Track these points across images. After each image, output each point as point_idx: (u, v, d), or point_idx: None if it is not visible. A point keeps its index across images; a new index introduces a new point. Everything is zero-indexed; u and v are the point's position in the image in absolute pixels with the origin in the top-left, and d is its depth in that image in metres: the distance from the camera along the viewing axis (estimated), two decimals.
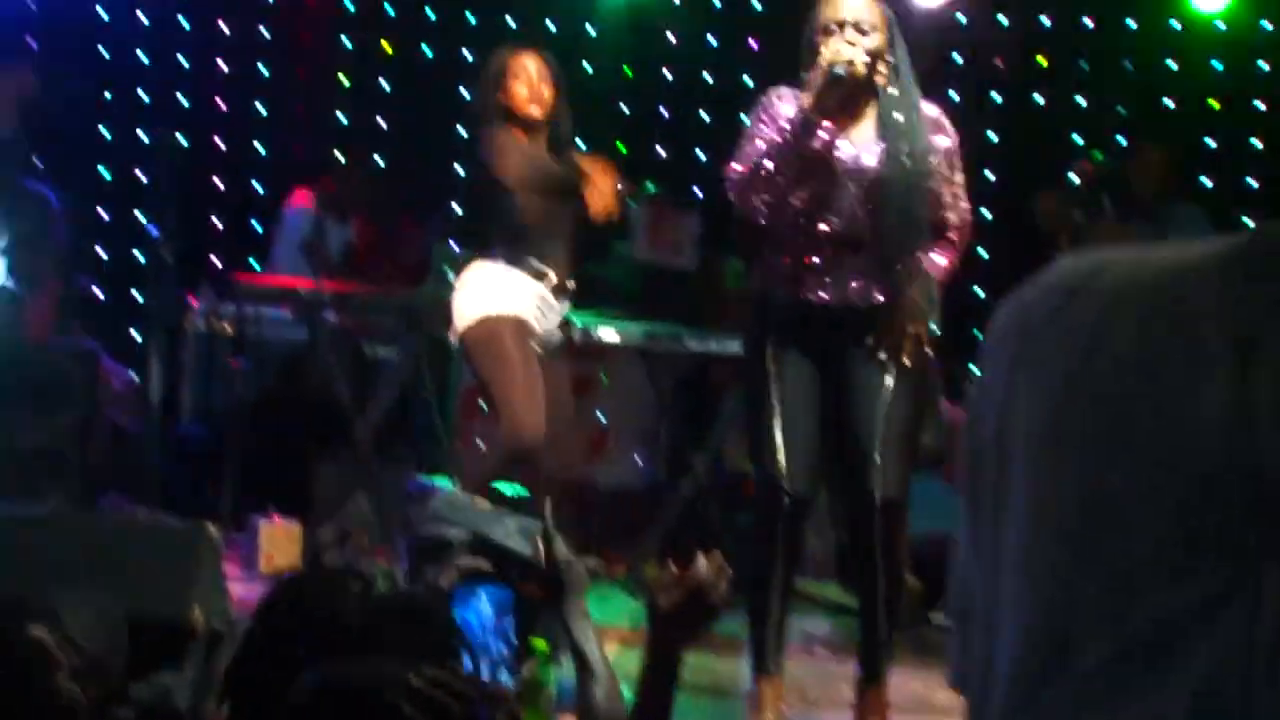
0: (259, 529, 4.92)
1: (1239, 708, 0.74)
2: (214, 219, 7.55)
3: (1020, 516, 0.86)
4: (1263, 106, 7.63)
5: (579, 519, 4.69)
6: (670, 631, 2.24)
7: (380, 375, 5.64)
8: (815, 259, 3.58)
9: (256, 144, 7.75)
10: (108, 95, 7.40)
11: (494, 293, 4.25)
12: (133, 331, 6.28)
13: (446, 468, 5.11)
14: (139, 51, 7.59)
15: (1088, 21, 7.79)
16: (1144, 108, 7.61)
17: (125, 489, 4.86)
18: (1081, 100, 7.73)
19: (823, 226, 3.57)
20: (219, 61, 7.73)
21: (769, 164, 3.48)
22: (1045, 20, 7.85)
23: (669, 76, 8.05)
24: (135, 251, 6.97)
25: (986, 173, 7.62)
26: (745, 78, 7.62)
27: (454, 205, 6.72)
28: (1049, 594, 0.84)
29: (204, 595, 3.23)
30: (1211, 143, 7.62)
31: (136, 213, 7.03)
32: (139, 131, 7.14)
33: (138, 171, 7.12)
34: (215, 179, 7.62)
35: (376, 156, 7.35)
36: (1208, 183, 7.44)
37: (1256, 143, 7.62)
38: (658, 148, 7.89)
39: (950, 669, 0.98)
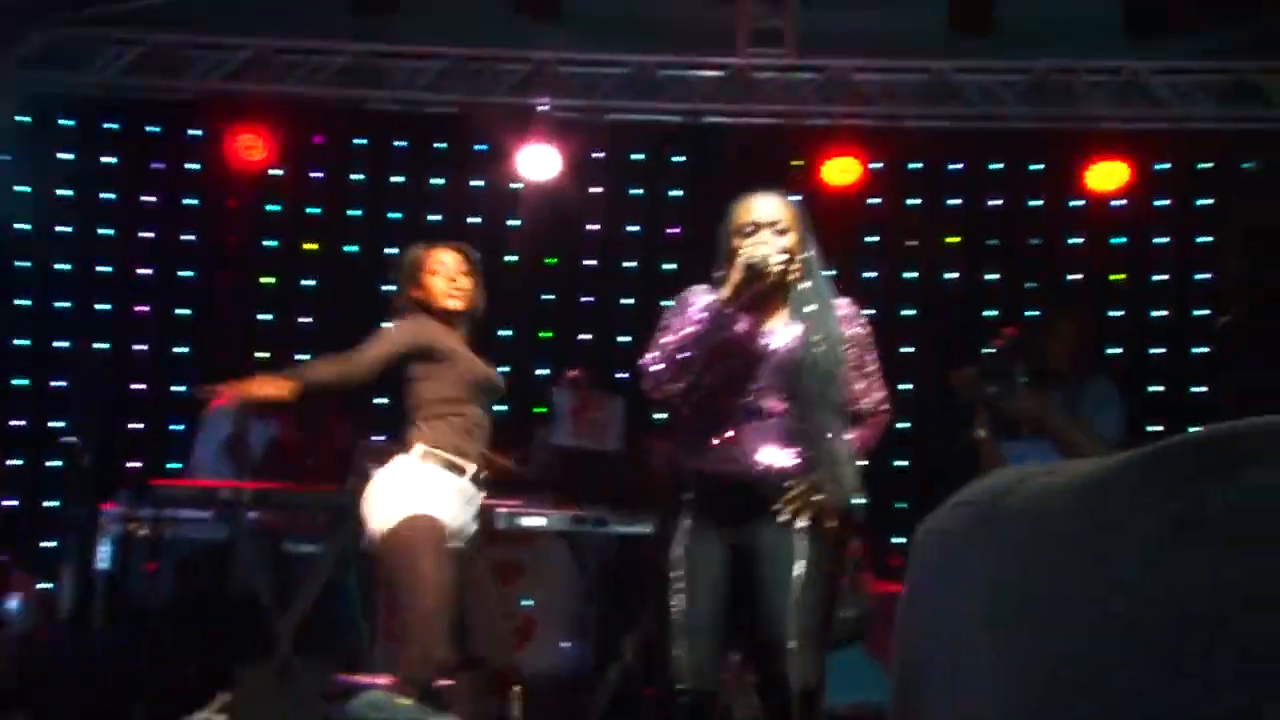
0: None
1: None
2: (134, 423, 7.52)
3: (971, 687, 0.91)
4: (1163, 278, 7.91)
5: (506, 708, 4.58)
6: None
7: (303, 572, 5.55)
8: (728, 432, 3.60)
9: (178, 347, 7.78)
10: (25, 303, 7.43)
11: (409, 492, 4.11)
12: (46, 540, 6.17)
13: (369, 664, 5.01)
14: (57, 261, 7.66)
15: (994, 201, 8.08)
16: (1051, 282, 7.85)
17: (34, 702, 4.70)
18: (991, 276, 7.97)
19: (735, 401, 3.61)
20: (141, 268, 7.81)
21: (683, 354, 3.54)
22: (953, 200, 8.14)
23: (591, 264, 8.22)
24: (50, 459, 6.92)
25: (905, 348, 7.80)
26: (665, 264, 7.80)
27: (377, 399, 6.73)
28: None
29: None
30: (1117, 314, 7.86)
31: (54, 421, 7.00)
32: (56, 340, 7.18)
33: (54, 379, 7.11)
34: (136, 383, 7.62)
35: (300, 354, 7.39)
36: (1115, 352, 7.65)
37: (1159, 313, 7.87)
38: (582, 334, 8.01)
39: None
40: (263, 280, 7.99)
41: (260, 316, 7.94)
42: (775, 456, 3.57)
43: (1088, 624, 0.83)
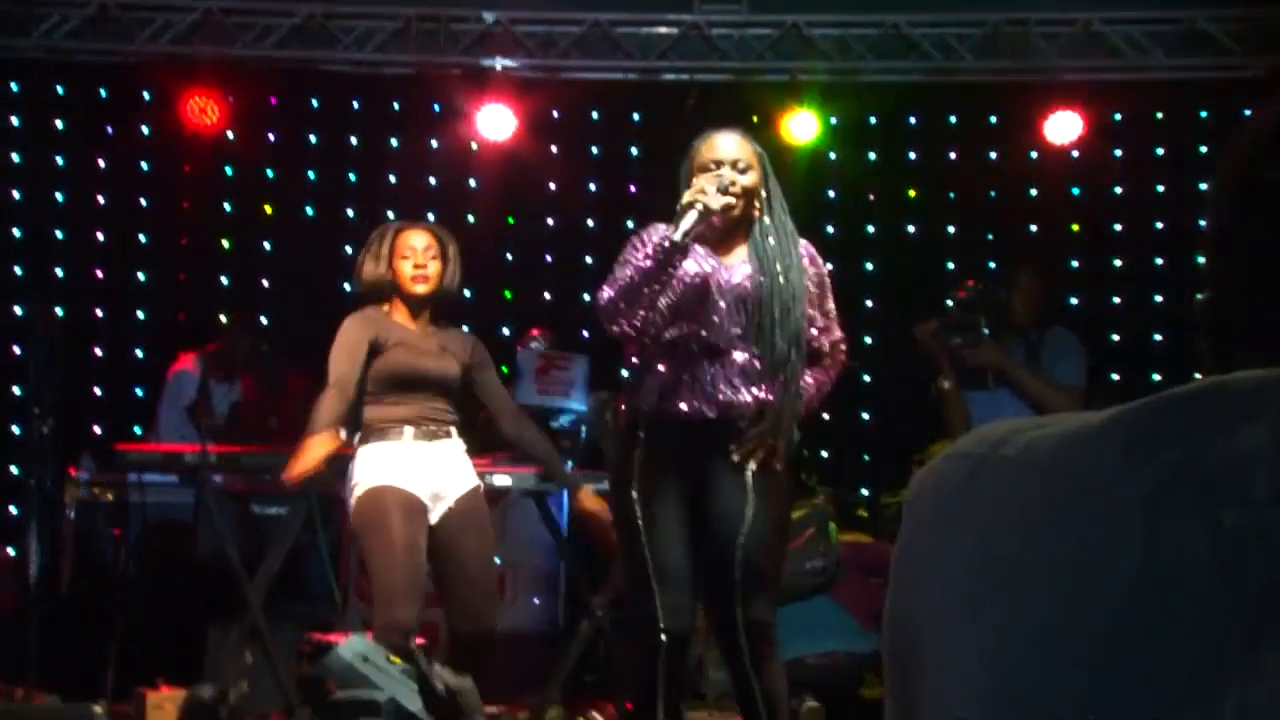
0: (145, 700, 4.75)
1: None
2: (95, 388, 7.46)
3: (938, 670, 0.90)
4: (1120, 228, 7.99)
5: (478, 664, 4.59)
6: None
7: (271, 534, 5.53)
8: (683, 370, 3.61)
9: (138, 311, 7.72)
10: None
11: (360, 471, 4.30)
12: (10, 506, 6.13)
13: (341, 624, 5.00)
14: (10, 226, 7.57)
15: (952, 154, 8.12)
16: (1011, 234, 7.91)
17: (3, 668, 4.67)
18: (951, 229, 8.01)
19: (693, 337, 3.62)
20: (97, 232, 7.73)
21: (633, 288, 3.54)
22: (912, 154, 8.17)
23: (551, 223, 8.20)
24: (12, 425, 6.86)
25: (867, 302, 7.85)
26: (627, 222, 7.78)
27: None
28: None
29: None
30: (1075, 264, 7.94)
31: (13, 387, 6.94)
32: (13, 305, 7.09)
33: (13, 345, 7.05)
34: (95, 348, 7.56)
35: (261, 316, 7.35)
36: (1074, 302, 7.73)
37: (1117, 262, 7.96)
38: (544, 293, 8.00)
39: None
40: (220, 243, 7.92)
41: (219, 279, 7.87)
42: (734, 394, 3.60)
43: (1078, 575, 0.82)
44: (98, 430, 7.16)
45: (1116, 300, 7.91)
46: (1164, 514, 0.80)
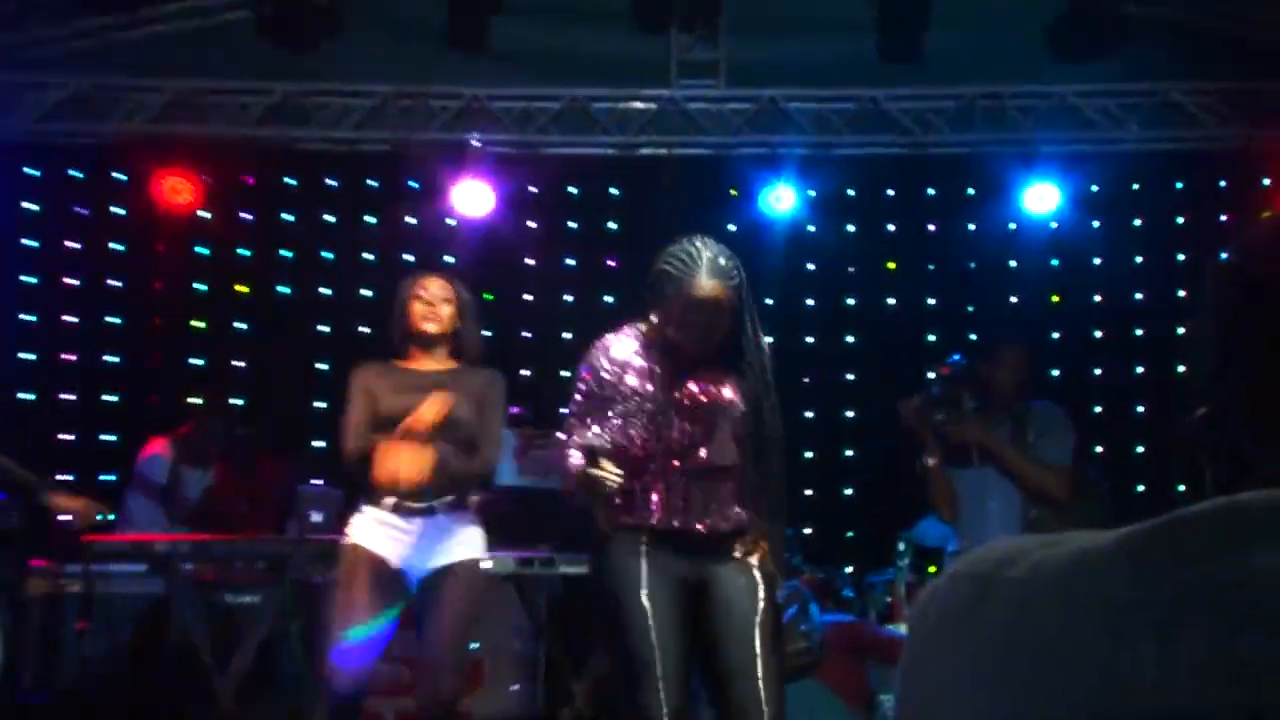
0: None
1: None
2: (64, 474, 7.33)
3: None
4: (1099, 299, 7.99)
5: None
6: None
7: (243, 623, 5.40)
8: (676, 491, 3.57)
9: (109, 395, 7.62)
10: None
11: (354, 522, 4.33)
12: None
13: (315, 715, 4.87)
14: None
15: (931, 226, 8.13)
16: (991, 305, 7.91)
17: None
18: (931, 300, 8.01)
19: (683, 460, 3.59)
20: (66, 315, 7.66)
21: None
22: (891, 226, 8.18)
23: (530, 298, 8.17)
24: None
25: (848, 375, 7.81)
26: (605, 297, 7.75)
27: (315, 443, 6.62)
28: None
29: None
30: (1056, 335, 7.93)
31: None
32: None
33: None
34: (65, 433, 7.45)
35: (234, 398, 7.26)
36: (1054, 373, 7.71)
37: (1098, 334, 7.95)
38: (523, 369, 7.95)
39: None
40: (193, 324, 7.85)
41: (192, 361, 7.79)
42: (725, 517, 3.57)
43: (1095, 702, 0.81)
44: (65, 518, 7.02)
45: (1097, 371, 7.90)
46: (1177, 636, 0.79)
